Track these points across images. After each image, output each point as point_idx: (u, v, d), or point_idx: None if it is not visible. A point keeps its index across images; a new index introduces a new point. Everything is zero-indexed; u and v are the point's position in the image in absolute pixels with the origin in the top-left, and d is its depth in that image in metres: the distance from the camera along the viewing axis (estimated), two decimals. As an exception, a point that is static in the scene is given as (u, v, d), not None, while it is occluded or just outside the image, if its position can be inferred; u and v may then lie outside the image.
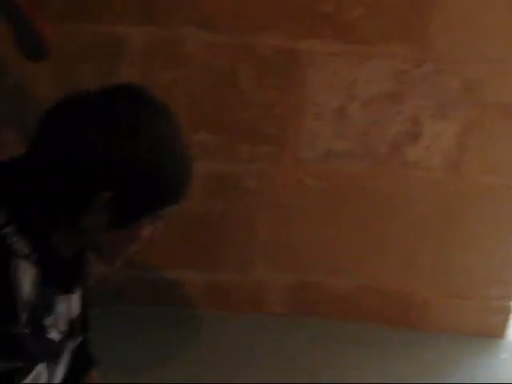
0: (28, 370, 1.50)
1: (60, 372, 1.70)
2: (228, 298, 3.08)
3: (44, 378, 1.57)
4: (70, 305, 1.63)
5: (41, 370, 1.55)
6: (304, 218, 2.95)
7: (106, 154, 1.39)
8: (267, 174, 2.86)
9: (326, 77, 2.72)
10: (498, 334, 3.13)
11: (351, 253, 3.02)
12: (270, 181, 2.88)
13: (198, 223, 2.94)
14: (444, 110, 2.77)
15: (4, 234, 1.43)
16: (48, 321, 1.52)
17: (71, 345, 1.73)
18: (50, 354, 1.59)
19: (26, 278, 1.43)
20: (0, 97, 2.61)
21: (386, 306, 3.11)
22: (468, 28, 2.67)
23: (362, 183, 2.90)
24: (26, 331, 1.43)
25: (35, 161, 1.46)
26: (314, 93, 2.75)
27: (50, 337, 1.54)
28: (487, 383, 2.84)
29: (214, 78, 2.70)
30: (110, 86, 1.48)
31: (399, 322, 3.12)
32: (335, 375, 2.76)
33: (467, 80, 2.72)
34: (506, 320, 3.13)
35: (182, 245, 2.98)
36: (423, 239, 3.00)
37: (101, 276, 2.77)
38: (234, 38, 2.66)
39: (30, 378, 1.50)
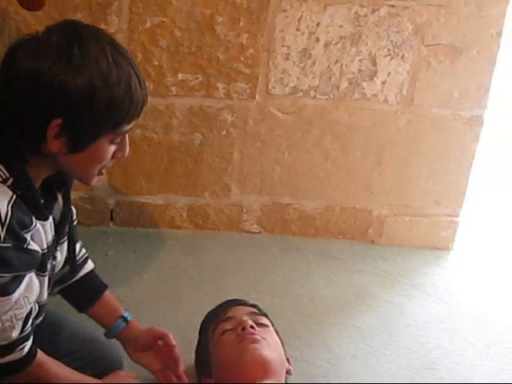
0: (19, 278, 1.54)
1: (46, 287, 1.73)
2: (208, 220, 3.16)
3: (37, 287, 1.62)
4: (44, 231, 1.64)
5: (33, 279, 1.60)
6: (274, 147, 3.02)
7: (47, 83, 1.43)
8: (241, 108, 2.92)
9: (292, 21, 2.78)
10: (446, 246, 3.28)
11: (316, 177, 3.09)
12: (243, 114, 2.93)
13: (180, 153, 3.00)
14: (398, 50, 2.87)
15: None
16: (27, 235, 1.54)
17: (54, 275, 1.79)
18: (35, 263, 1.60)
19: (3, 198, 1.46)
20: (2, 44, 2.60)
21: (347, 224, 3.21)
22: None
23: (325, 116, 2.97)
24: (8, 244, 1.46)
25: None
26: (283, 36, 2.81)
27: (31, 248, 1.56)
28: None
29: (194, 23, 2.75)
30: (55, 24, 1.53)
31: (360, 238, 3.25)
32: (305, 286, 2.87)
33: (417, 23, 2.81)
34: (453, 234, 3.26)
35: (167, 173, 3.04)
36: (380, 164, 3.08)
37: (95, 201, 2.97)
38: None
39: (23, 286, 1.56)
